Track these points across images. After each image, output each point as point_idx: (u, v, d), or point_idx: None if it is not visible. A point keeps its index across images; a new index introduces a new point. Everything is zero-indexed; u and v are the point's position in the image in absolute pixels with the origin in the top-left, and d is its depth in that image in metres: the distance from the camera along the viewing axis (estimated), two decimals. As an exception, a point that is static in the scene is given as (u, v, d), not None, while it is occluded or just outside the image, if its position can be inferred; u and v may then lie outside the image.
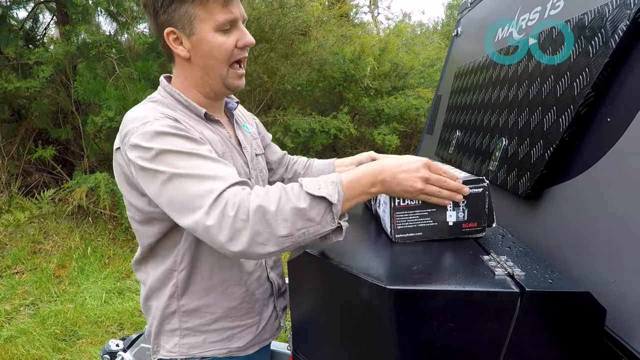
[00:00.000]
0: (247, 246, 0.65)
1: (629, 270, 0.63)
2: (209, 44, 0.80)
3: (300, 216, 0.65)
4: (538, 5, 1.23)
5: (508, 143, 1.11)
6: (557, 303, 0.58)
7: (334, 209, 0.67)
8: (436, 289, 0.59)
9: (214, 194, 0.67)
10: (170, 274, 0.90)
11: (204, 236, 0.68)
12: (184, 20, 0.78)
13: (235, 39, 0.82)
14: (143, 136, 0.73)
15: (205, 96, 0.89)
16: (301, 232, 0.66)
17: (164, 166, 0.71)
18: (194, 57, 0.82)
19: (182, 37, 0.80)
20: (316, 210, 0.66)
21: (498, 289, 0.58)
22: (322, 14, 4.26)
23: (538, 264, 0.67)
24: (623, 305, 0.62)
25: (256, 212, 0.65)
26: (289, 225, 0.65)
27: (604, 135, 0.77)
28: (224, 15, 0.79)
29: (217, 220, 0.65)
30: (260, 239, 0.65)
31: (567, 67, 0.91)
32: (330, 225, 0.68)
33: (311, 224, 0.66)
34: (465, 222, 0.74)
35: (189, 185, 0.69)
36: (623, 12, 0.77)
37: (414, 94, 4.44)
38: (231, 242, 0.65)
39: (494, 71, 1.38)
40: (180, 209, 0.70)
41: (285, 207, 0.65)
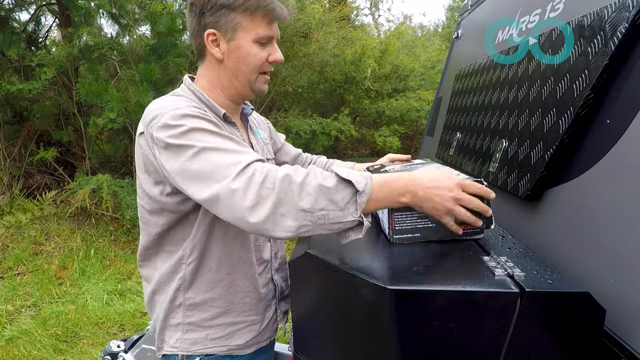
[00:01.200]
0: (268, 214, 0.65)
1: (629, 271, 0.63)
2: (245, 52, 0.86)
3: (325, 194, 0.65)
4: (538, 7, 1.24)
5: (508, 145, 1.12)
6: (556, 303, 0.58)
7: (359, 199, 0.66)
8: (436, 289, 0.59)
9: (242, 164, 0.69)
10: (179, 267, 0.91)
11: (226, 202, 0.67)
12: (228, 26, 0.84)
13: (268, 54, 0.88)
14: (173, 117, 0.76)
15: (229, 98, 0.93)
16: (322, 213, 0.65)
17: (193, 141, 0.73)
18: (227, 60, 0.87)
19: (221, 40, 0.86)
20: (341, 194, 0.66)
21: (498, 290, 0.58)
22: (323, 16, 4.28)
23: (538, 264, 0.68)
24: (622, 305, 0.62)
25: (283, 180, 0.66)
26: (312, 200, 0.65)
27: (603, 136, 0.78)
28: (265, 31, 0.86)
29: (244, 185, 0.66)
30: (282, 210, 0.65)
31: (566, 69, 0.91)
32: (352, 215, 0.66)
33: (333, 207, 0.66)
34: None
35: (218, 157, 0.71)
36: (622, 15, 0.78)
37: (415, 96, 4.44)
38: (254, 208, 0.65)
39: (494, 73, 1.39)
40: (205, 180, 0.70)
41: (311, 182, 0.66)
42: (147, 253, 0.96)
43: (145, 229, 0.93)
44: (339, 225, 0.67)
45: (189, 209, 0.87)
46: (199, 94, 0.90)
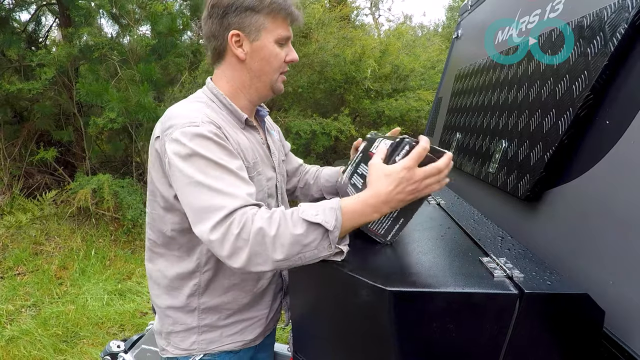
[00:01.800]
0: (245, 264, 0.70)
1: (628, 272, 0.63)
2: (268, 52, 0.89)
3: (297, 242, 0.69)
4: (538, 8, 1.24)
5: (508, 145, 1.11)
6: (555, 305, 0.58)
7: (331, 236, 0.70)
8: (435, 290, 0.59)
9: (225, 211, 0.71)
10: (192, 275, 0.93)
11: (208, 246, 0.74)
12: (252, 27, 0.87)
13: (286, 54, 0.92)
14: (185, 134, 0.79)
15: (248, 99, 0.96)
16: (297, 257, 0.70)
17: (192, 170, 0.76)
18: (249, 60, 0.90)
19: (244, 41, 0.88)
20: (312, 236, 0.69)
21: (497, 291, 0.58)
22: (323, 16, 4.28)
23: (537, 265, 0.68)
24: (622, 306, 0.62)
25: (257, 234, 0.69)
26: (285, 251, 0.69)
27: (602, 137, 0.78)
28: (285, 32, 0.90)
29: (221, 236, 0.70)
30: (258, 260, 0.70)
31: (566, 70, 0.91)
32: (327, 250, 0.70)
33: (307, 249, 0.70)
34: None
35: (206, 196, 0.74)
36: (622, 15, 0.78)
37: (415, 96, 4.44)
38: (231, 257, 0.70)
39: (494, 74, 1.39)
40: (193, 214, 0.75)
41: (284, 232, 0.69)
42: (155, 251, 0.97)
43: (155, 225, 0.94)
44: (317, 259, 0.72)
45: None
46: (222, 98, 0.92)
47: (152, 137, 0.89)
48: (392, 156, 0.74)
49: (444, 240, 0.83)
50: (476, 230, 0.88)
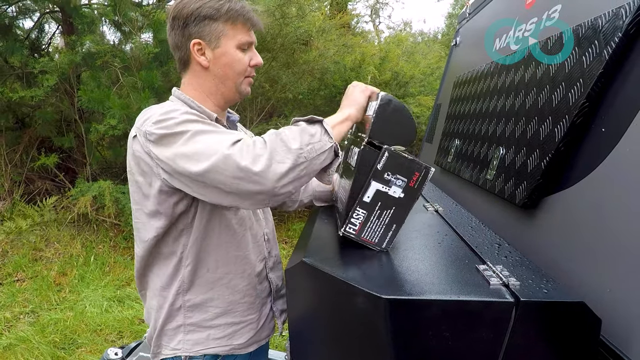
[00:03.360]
0: (267, 164, 0.73)
1: (625, 280, 0.63)
2: (230, 58, 0.93)
3: (305, 132, 0.78)
4: (534, 16, 1.25)
5: (505, 152, 1.12)
6: (552, 313, 0.58)
7: (326, 127, 0.80)
8: (431, 298, 0.59)
9: (234, 138, 0.76)
10: (177, 271, 0.94)
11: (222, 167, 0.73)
12: (212, 35, 0.90)
13: (249, 58, 0.96)
14: (163, 113, 0.82)
15: (216, 104, 0.98)
16: (309, 148, 0.76)
17: (185, 128, 0.79)
18: (212, 66, 0.93)
19: (206, 49, 0.92)
20: (313, 128, 0.79)
21: (493, 299, 0.58)
22: (324, 24, 4.31)
23: (534, 273, 0.67)
24: (619, 314, 0.62)
25: (270, 136, 0.77)
26: (298, 140, 0.76)
27: (598, 144, 0.78)
28: (245, 37, 0.94)
29: (238, 150, 0.74)
30: (278, 157, 0.74)
31: (562, 77, 0.92)
32: (329, 141, 0.79)
33: (314, 140, 0.77)
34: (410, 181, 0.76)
35: (211, 137, 0.77)
36: (616, 23, 0.78)
37: (415, 102, 4.46)
38: (253, 163, 0.72)
39: (492, 81, 1.39)
40: (200, 155, 0.75)
41: (292, 130, 0.79)
42: (145, 265, 0.97)
43: (140, 236, 0.94)
44: (322, 156, 0.78)
45: (183, 209, 0.89)
46: (189, 102, 0.94)
47: (129, 144, 0.88)
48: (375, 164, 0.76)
49: (441, 247, 0.83)
50: (473, 237, 0.88)
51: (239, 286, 0.98)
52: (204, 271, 0.95)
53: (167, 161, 0.79)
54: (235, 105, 5.16)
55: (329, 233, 0.91)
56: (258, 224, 1.06)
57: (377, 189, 0.75)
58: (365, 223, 0.76)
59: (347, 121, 0.87)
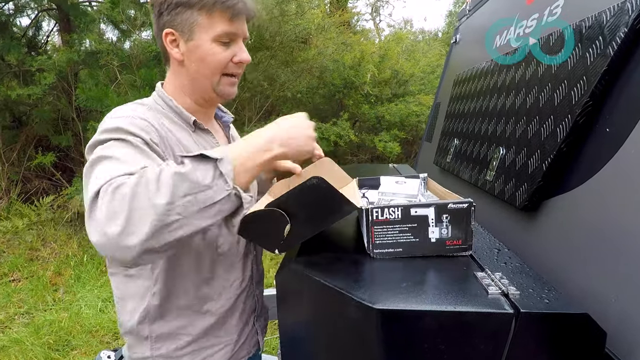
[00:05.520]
0: (123, 226, 0.54)
1: (631, 288, 0.59)
2: (203, 52, 0.80)
3: (182, 179, 0.57)
4: (536, 12, 1.21)
5: (505, 152, 1.08)
6: (553, 325, 0.55)
7: (223, 168, 0.60)
8: (425, 309, 0.56)
9: (112, 175, 0.60)
10: (142, 297, 0.82)
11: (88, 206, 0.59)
12: (184, 25, 0.79)
13: (232, 54, 0.82)
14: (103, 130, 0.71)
15: (195, 102, 0.88)
16: (187, 200, 0.57)
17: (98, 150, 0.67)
18: (187, 61, 0.82)
19: (180, 40, 0.81)
20: (201, 171, 0.59)
21: (491, 310, 0.55)
22: (323, 22, 4.27)
23: (534, 281, 0.64)
24: (625, 325, 0.59)
25: (136, 184, 0.56)
26: (170, 191, 0.56)
27: (603, 145, 0.74)
28: (225, 28, 0.79)
29: (103, 195, 0.57)
30: (137, 215, 0.55)
31: (565, 75, 0.88)
32: (225, 189, 0.60)
33: (199, 188, 0.58)
34: (449, 239, 0.71)
35: (103, 167, 0.63)
36: (621, 19, 0.75)
37: (415, 101, 4.42)
38: (107, 222, 0.55)
39: (492, 79, 1.36)
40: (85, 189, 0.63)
41: (165, 173, 0.58)
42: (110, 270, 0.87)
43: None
44: (215, 207, 0.60)
45: None
46: (167, 101, 0.86)
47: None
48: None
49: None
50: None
51: (214, 310, 0.87)
52: (174, 298, 0.83)
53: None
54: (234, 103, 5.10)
55: (320, 238, 0.87)
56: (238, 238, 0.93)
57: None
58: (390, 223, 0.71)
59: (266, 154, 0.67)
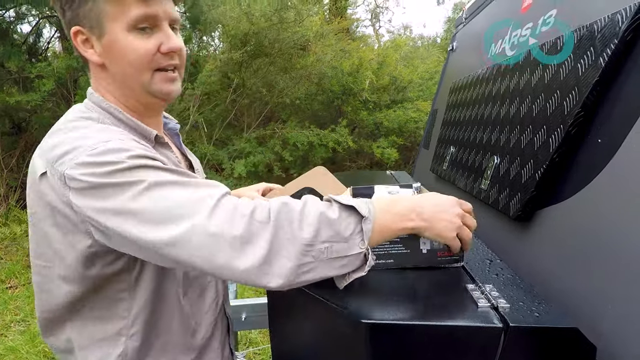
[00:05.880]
0: (264, 255, 0.51)
1: (624, 298, 0.59)
2: (121, 47, 0.64)
3: (327, 224, 0.54)
4: (530, 21, 1.22)
5: (500, 162, 1.08)
6: (543, 339, 0.54)
7: (364, 226, 0.56)
8: (413, 323, 0.55)
9: (216, 196, 0.54)
10: (115, 342, 0.68)
11: (199, 244, 0.52)
12: (91, 18, 0.64)
13: (158, 43, 0.66)
14: (101, 154, 0.57)
15: (134, 110, 0.71)
16: (324, 247, 0.54)
17: (137, 177, 0.55)
18: (108, 63, 0.67)
19: (92, 39, 0.66)
20: (345, 223, 0.56)
21: (480, 324, 0.54)
22: (321, 29, 4.30)
23: (525, 294, 0.63)
24: (618, 336, 0.58)
25: (280, 210, 0.54)
26: (313, 231, 0.53)
27: (595, 156, 0.74)
28: (137, 10, 0.63)
29: (227, 219, 0.52)
30: (279, 245, 0.52)
31: (557, 85, 0.88)
32: (359, 247, 0.56)
33: (338, 239, 0.55)
34: (440, 251, 0.70)
35: (178, 192, 0.55)
36: (612, 30, 0.75)
37: (413, 107, 4.43)
38: (242, 249, 0.51)
39: (487, 87, 1.36)
40: (164, 218, 0.53)
41: (311, 210, 0.55)
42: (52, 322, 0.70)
43: (44, 298, 0.68)
44: (343, 261, 0.56)
45: (123, 267, 0.65)
46: (117, 113, 0.69)
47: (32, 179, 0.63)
48: None
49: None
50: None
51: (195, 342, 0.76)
52: (154, 337, 0.71)
53: (105, 214, 0.55)
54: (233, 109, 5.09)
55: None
56: None
57: None
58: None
59: (408, 222, 0.61)
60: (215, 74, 4.13)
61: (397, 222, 0.61)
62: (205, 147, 4.13)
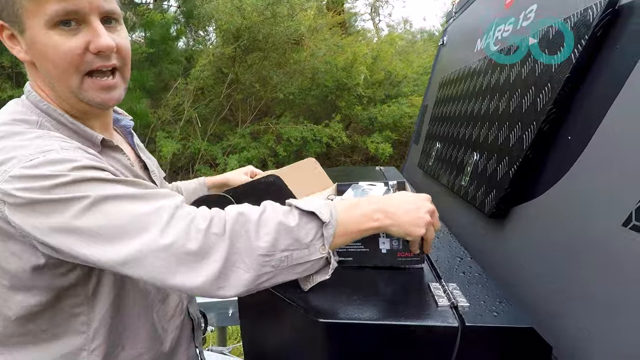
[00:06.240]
0: (219, 269, 0.50)
1: (583, 297, 0.58)
2: (41, 46, 0.58)
3: (286, 232, 0.53)
4: (512, 16, 1.20)
5: (479, 158, 1.07)
6: (499, 339, 0.54)
7: (325, 231, 0.55)
8: (369, 322, 0.55)
9: (169, 209, 0.52)
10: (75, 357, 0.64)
11: (154, 261, 0.50)
12: (10, 12, 0.58)
13: (85, 41, 0.58)
14: (39, 165, 0.52)
15: (71, 114, 0.65)
16: (284, 255, 0.53)
17: (83, 192, 0.51)
18: (35, 60, 0.61)
19: (18, 35, 0.60)
20: (305, 229, 0.55)
21: (435, 323, 0.54)
22: (315, 23, 4.26)
23: (488, 292, 0.63)
24: (583, 335, 0.58)
25: (236, 221, 0.52)
26: (270, 240, 0.52)
27: (564, 154, 0.73)
28: (55, 5, 0.55)
29: (181, 233, 0.50)
30: (235, 258, 0.51)
31: (532, 81, 0.88)
32: (319, 252, 0.55)
33: (297, 246, 0.54)
34: (400, 251, 0.70)
35: (129, 205, 0.51)
36: (584, 25, 0.74)
37: (407, 102, 4.41)
38: (197, 264, 0.50)
39: (470, 82, 1.35)
40: (112, 236, 0.50)
41: (269, 219, 0.54)
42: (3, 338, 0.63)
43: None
44: (303, 266, 0.56)
45: (80, 277, 0.61)
46: (57, 116, 0.63)
47: None
48: None
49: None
50: (436, 249, 0.83)
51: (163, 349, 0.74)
52: (119, 349, 0.68)
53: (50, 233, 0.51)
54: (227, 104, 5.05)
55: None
56: None
57: None
58: None
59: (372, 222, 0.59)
60: (208, 69, 4.11)
61: (361, 222, 0.60)
62: (199, 142, 4.12)
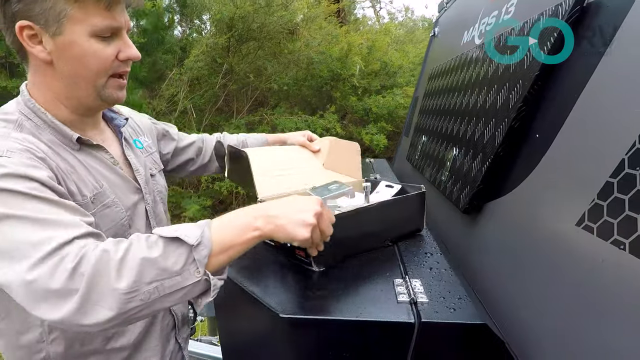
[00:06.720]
0: (77, 307, 0.50)
1: (547, 291, 0.60)
2: (81, 50, 0.65)
3: (150, 265, 0.53)
4: (495, 9, 1.20)
5: (457, 153, 1.08)
6: (453, 334, 0.56)
7: (197, 254, 0.54)
8: (329, 318, 0.57)
9: (53, 243, 0.52)
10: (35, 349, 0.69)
11: (20, 292, 0.52)
12: (48, 16, 0.63)
13: (117, 50, 0.69)
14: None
15: (73, 111, 0.72)
16: (152, 287, 0.52)
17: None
18: (58, 61, 0.66)
19: (43, 35, 0.64)
20: (173, 257, 0.54)
21: (392, 319, 0.56)
22: (309, 12, 4.22)
23: (450, 289, 0.65)
24: (550, 329, 0.59)
25: (99, 259, 0.52)
26: (133, 277, 0.51)
27: (532, 151, 0.74)
28: (104, 21, 0.65)
29: (48, 272, 0.51)
30: (95, 296, 0.51)
31: (507, 78, 0.88)
32: (194, 276, 0.54)
33: (166, 275, 0.53)
34: (298, 249, 0.70)
35: (22, 230, 0.53)
36: (554, 21, 0.74)
37: (402, 93, 4.39)
38: (57, 301, 0.51)
39: (454, 76, 1.35)
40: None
41: (134, 255, 0.53)
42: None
43: None
44: (180, 292, 0.55)
45: None
46: (40, 114, 0.69)
47: None
48: None
49: (376, 260, 0.79)
50: (407, 245, 0.85)
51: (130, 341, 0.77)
52: (78, 344, 0.71)
53: None
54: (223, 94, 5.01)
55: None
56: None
57: None
58: None
59: (252, 232, 0.58)
60: (202, 59, 4.08)
61: (240, 235, 0.58)
62: (194, 132, 4.11)
